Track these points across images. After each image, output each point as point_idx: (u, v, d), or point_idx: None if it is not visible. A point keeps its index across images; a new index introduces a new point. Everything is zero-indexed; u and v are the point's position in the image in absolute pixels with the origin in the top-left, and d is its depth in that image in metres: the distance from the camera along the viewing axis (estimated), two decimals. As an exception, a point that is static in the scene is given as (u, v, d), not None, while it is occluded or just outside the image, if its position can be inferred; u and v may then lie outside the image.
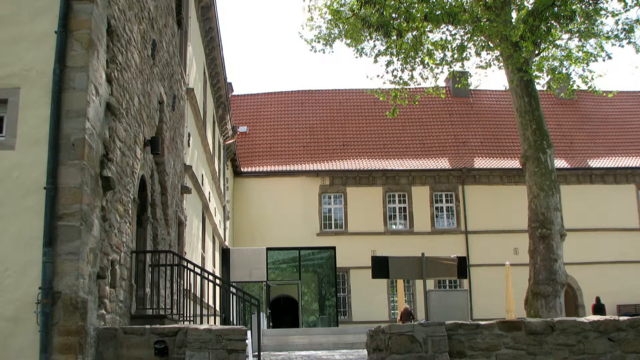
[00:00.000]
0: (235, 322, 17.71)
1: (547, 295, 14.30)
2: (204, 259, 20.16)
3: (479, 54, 17.05)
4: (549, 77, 16.61)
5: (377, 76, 22.04)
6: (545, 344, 8.25)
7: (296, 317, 30.34)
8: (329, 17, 17.03)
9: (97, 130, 8.22)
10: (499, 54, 16.26)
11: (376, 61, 17.52)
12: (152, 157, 11.93)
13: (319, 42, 17.75)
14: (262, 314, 23.04)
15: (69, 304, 7.36)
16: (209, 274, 13.07)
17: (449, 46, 16.52)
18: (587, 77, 16.36)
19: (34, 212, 7.55)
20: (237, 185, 32.38)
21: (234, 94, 35.32)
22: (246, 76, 78.15)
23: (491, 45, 16.33)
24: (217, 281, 15.39)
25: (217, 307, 19.32)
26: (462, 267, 13.36)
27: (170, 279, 11.69)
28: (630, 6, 15.00)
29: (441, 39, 16.82)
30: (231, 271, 25.99)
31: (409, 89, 18.62)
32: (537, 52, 15.57)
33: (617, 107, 36.46)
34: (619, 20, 15.63)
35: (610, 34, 15.76)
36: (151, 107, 11.73)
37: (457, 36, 16.61)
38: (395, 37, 15.78)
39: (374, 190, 31.97)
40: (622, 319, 8.51)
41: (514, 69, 15.42)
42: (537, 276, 14.51)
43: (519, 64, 14.87)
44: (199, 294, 15.27)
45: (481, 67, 17.53)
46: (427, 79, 17.57)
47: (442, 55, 16.73)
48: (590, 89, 16.94)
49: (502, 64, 16.52)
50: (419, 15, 15.21)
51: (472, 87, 22.97)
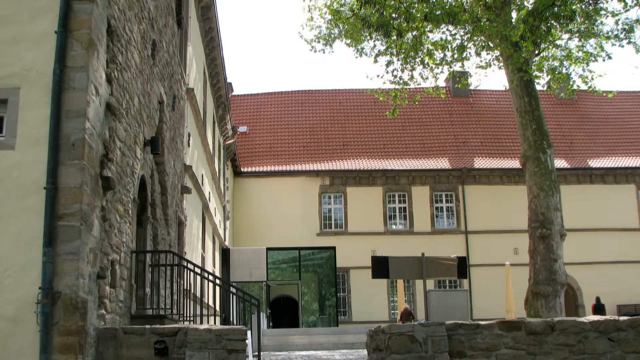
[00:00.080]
0: (235, 322, 17.70)
1: (547, 295, 14.30)
2: (204, 259, 20.15)
3: (479, 54, 17.06)
4: (549, 77, 16.61)
5: (377, 76, 22.07)
6: (545, 344, 8.25)
7: (296, 317, 30.33)
8: (329, 17, 17.03)
9: (97, 130, 8.22)
10: (499, 54, 16.26)
11: (376, 61, 17.54)
12: (152, 157, 11.93)
13: (319, 42, 17.76)
14: (262, 314, 23.04)
15: (69, 304, 7.36)
16: (209, 274, 13.06)
17: (449, 46, 16.53)
18: (587, 77, 16.37)
19: (34, 212, 7.55)
20: (237, 185, 32.37)
21: (234, 94, 35.31)
22: (246, 76, 78.26)
23: (491, 45, 16.33)
24: (217, 281, 15.39)
25: (217, 307, 19.31)
26: (462, 267, 13.36)
27: (170, 279, 11.69)
28: (630, 6, 15.02)
29: (441, 39, 16.84)
30: (231, 271, 25.99)
31: (409, 89, 18.62)
32: (537, 52, 15.57)
33: (617, 107, 36.45)
34: (619, 20, 15.65)
35: (610, 34, 15.77)
36: (151, 107, 11.73)
37: (457, 36, 16.63)
38: (395, 37, 15.79)
39: (374, 190, 31.96)
40: (622, 319, 8.51)
41: (514, 69, 15.42)
42: (537, 276, 14.51)
43: (519, 64, 14.87)
44: (199, 294, 15.27)
45: (481, 67, 17.54)
46: (427, 79, 17.59)
47: (442, 55, 16.74)
48: (590, 89, 16.94)
49: (502, 64, 16.53)
50: (419, 15, 15.21)
51: (472, 87, 22.97)
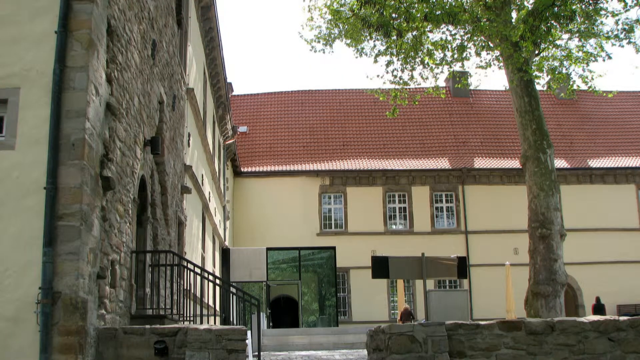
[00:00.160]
0: (235, 322, 17.70)
1: (547, 295, 14.30)
2: (204, 259, 20.15)
3: (479, 54, 17.05)
4: (549, 77, 16.61)
5: (377, 76, 22.07)
6: (545, 344, 8.25)
7: (296, 317, 30.33)
8: (329, 17, 17.03)
9: (97, 130, 8.22)
10: (499, 54, 16.26)
11: (376, 61, 17.54)
12: (152, 157, 11.93)
13: (319, 42, 17.76)
14: (262, 314, 23.04)
15: (69, 304, 7.36)
16: (209, 274, 13.06)
17: (449, 46, 16.53)
18: (587, 77, 16.37)
19: (34, 212, 7.55)
20: (237, 185, 32.37)
21: (234, 94, 35.31)
22: (246, 76, 78.26)
23: (491, 45, 16.33)
24: (217, 281, 15.39)
25: (217, 307, 19.31)
26: (462, 267, 13.36)
27: (170, 279, 11.69)
28: (630, 6, 15.01)
29: (441, 39, 16.84)
30: (231, 271, 25.98)
31: (409, 89, 18.62)
32: (537, 52, 15.57)
33: (617, 107, 36.45)
34: (619, 20, 15.65)
35: (610, 34, 15.77)
36: (151, 107, 11.73)
37: (457, 36, 16.63)
38: (395, 37, 15.78)
39: (374, 190, 31.96)
40: (622, 319, 8.51)
41: (514, 69, 15.42)
42: (537, 276, 14.51)
43: (519, 64, 14.86)
44: (199, 294, 15.27)
45: (481, 67, 17.54)
46: (427, 79, 17.59)
47: (442, 55, 16.74)
48: (590, 89, 16.94)
49: (502, 64, 16.52)
50: (419, 15, 15.21)
51: (472, 87, 22.97)
